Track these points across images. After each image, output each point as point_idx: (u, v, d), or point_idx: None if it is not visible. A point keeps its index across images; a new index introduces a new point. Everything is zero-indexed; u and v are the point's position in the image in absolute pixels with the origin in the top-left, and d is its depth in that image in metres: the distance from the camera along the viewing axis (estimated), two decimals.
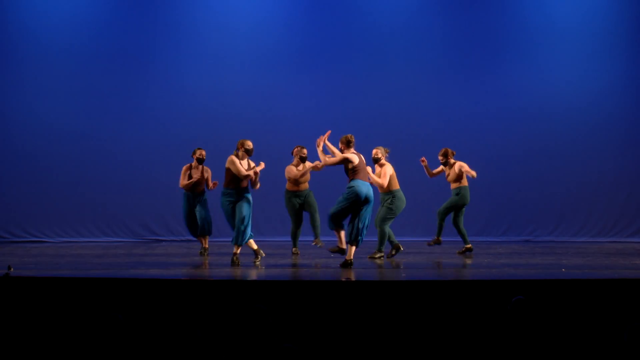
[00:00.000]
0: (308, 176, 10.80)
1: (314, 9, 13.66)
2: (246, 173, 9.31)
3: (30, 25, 13.23)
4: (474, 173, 10.59)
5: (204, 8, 13.55)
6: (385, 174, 10.07)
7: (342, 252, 9.21)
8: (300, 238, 10.82)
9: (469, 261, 10.02)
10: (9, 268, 8.22)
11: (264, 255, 9.50)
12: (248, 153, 9.48)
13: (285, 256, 10.42)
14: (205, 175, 10.66)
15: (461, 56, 13.55)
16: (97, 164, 13.27)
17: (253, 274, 8.50)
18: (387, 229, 10.09)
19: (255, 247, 9.47)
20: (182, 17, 13.50)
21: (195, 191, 10.62)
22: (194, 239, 11.20)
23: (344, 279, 7.87)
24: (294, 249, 10.74)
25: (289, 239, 10.90)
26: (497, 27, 13.58)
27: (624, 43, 13.49)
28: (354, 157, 9.13)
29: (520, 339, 5.71)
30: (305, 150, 10.69)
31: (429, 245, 10.90)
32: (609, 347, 5.74)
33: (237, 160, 9.34)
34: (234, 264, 9.16)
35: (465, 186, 10.70)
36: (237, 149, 9.46)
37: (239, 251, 9.28)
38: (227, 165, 9.38)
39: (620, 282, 7.40)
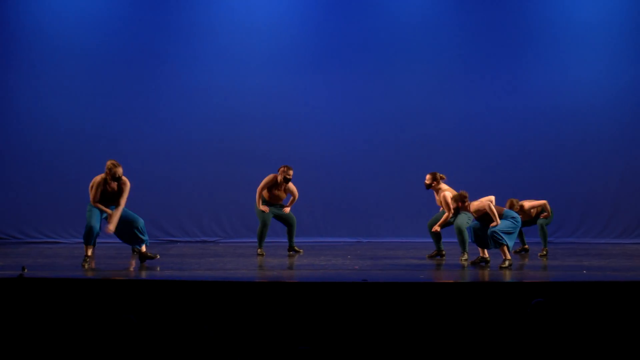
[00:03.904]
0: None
1: (329, 9, 13.55)
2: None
3: (45, 24, 13.20)
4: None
5: (218, 8, 13.48)
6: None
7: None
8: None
9: (487, 263, 9.89)
10: (23, 269, 8.22)
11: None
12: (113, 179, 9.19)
13: (300, 257, 10.35)
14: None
15: (480, 55, 13.39)
16: None
17: (270, 275, 8.44)
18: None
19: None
20: (197, 17, 13.42)
21: None
22: (209, 239, 11.18)
23: (361, 280, 7.79)
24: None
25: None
26: (517, 24, 13.40)
27: None
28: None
29: (540, 342, 5.64)
30: (291, 172, 10.61)
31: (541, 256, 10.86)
32: (632, 351, 5.67)
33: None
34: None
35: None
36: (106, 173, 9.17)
37: None
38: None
39: None
